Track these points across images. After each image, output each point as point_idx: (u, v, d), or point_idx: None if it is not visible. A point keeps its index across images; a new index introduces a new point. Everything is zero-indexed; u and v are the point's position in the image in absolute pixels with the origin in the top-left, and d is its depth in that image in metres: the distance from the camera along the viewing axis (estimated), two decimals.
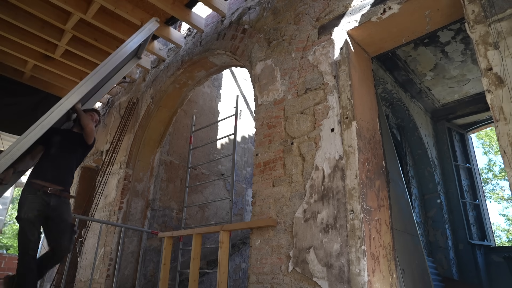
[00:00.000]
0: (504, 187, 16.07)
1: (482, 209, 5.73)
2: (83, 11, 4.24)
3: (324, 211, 2.56)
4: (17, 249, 2.84)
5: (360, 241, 2.30)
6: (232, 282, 5.51)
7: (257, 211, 3.01)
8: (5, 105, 5.72)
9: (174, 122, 5.69)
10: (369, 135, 2.81)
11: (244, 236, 5.97)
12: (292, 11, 3.55)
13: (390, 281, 2.46)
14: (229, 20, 4.39)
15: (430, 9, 2.69)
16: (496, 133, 1.94)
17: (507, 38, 2.02)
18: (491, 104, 2.00)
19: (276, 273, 2.68)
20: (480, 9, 2.18)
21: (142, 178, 5.28)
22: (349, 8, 3.04)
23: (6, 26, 4.60)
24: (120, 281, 4.57)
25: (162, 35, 4.78)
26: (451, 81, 5.39)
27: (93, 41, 4.86)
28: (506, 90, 1.94)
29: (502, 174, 15.87)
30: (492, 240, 5.62)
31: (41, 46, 4.99)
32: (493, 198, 16.29)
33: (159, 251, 5.05)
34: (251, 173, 6.89)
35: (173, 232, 4.01)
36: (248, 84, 7.56)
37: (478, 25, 2.17)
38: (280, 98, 3.26)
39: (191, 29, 5.13)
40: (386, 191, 2.82)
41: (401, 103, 5.47)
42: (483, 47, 2.11)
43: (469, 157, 6.09)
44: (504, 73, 1.98)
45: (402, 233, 2.96)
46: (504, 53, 2.01)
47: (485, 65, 2.08)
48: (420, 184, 5.68)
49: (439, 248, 5.24)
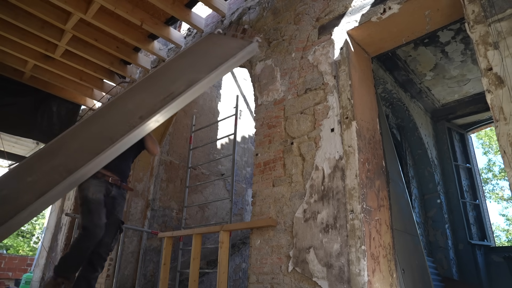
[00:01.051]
0: (504, 187, 16.07)
1: (482, 209, 5.73)
2: (83, 11, 4.23)
3: (324, 211, 2.56)
4: (81, 232, 2.63)
5: (360, 241, 2.30)
6: (232, 282, 5.51)
7: (257, 211, 3.01)
8: (5, 105, 5.71)
9: (174, 122, 5.69)
10: (369, 135, 2.81)
11: (244, 236, 5.97)
12: (292, 11, 3.55)
13: (390, 281, 2.46)
14: (229, 20, 4.39)
15: (430, 9, 2.69)
16: (496, 133, 1.94)
17: (507, 38, 2.02)
18: (491, 104, 2.00)
19: (276, 273, 2.68)
20: (480, 9, 2.18)
21: (142, 178, 5.27)
22: (349, 8, 3.04)
23: (6, 26, 4.60)
24: (120, 281, 4.57)
25: (162, 35, 4.78)
26: (451, 81, 5.39)
27: (93, 41, 4.85)
28: (506, 90, 1.94)
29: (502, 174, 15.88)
30: (492, 240, 5.62)
31: (41, 46, 4.99)
32: (493, 198, 16.29)
33: (159, 251, 5.05)
34: (251, 173, 6.89)
35: (173, 232, 4.01)
36: (248, 84, 7.56)
37: (478, 25, 2.17)
38: (280, 98, 3.26)
39: (191, 29, 5.12)
40: (386, 191, 2.82)
41: (401, 103, 5.47)
42: (483, 47, 2.11)
43: (469, 157, 6.09)
44: (504, 73, 1.98)
45: (402, 233, 2.96)
46: (504, 53, 2.01)
47: (485, 65, 2.08)
48: (420, 184, 5.68)
49: (439, 248, 5.24)
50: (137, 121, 2.68)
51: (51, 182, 2.30)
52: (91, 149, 2.53)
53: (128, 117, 2.80)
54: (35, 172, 2.54)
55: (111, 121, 3.00)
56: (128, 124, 2.68)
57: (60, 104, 6.38)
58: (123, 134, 2.58)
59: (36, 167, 2.62)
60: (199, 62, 3.28)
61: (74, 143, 2.81)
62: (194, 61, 3.39)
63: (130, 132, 2.60)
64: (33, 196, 2.21)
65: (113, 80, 6.02)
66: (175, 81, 3.04)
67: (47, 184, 2.29)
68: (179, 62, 3.48)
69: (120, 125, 2.75)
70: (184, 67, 3.34)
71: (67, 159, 2.55)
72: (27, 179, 2.47)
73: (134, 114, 2.81)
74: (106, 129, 2.85)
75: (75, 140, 2.85)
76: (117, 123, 2.87)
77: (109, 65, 5.45)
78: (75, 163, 2.41)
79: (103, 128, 2.88)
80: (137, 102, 3.05)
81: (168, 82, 3.16)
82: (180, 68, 3.36)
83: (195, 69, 3.14)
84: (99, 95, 6.51)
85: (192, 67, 3.25)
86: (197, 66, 3.21)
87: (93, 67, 5.59)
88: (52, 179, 2.33)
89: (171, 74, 3.31)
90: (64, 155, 2.64)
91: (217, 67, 3.01)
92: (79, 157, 2.49)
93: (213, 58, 3.17)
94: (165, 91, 2.94)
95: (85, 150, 2.59)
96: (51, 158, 2.68)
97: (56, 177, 2.32)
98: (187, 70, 3.25)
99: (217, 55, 3.22)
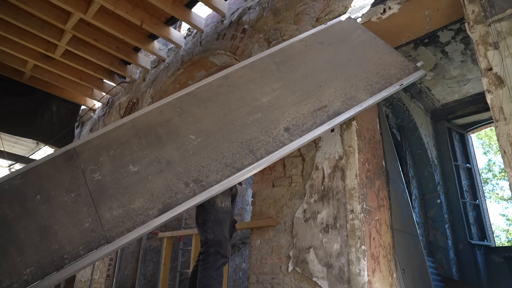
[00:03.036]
0: (504, 187, 16.07)
1: (482, 209, 5.73)
2: (83, 11, 4.23)
3: (324, 211, 2.56)
4: (211, 251, 2.29)
5: (360, 241, 2.30)
6: (232, 282, 5.51)
7: (257, 211, 3.01)
8: (5, 105, 5.71)
9: None
10: (369, 135, 2.81)
11: (244, 236, 5.97)
12: (292, 11, 3.55)
13: (390, 281, 2.46)
14: (229, 20, 4.39)
15: (430, 9, 2.69)
16: (496, 133, 1.94)
17: (507, 38, 2.02)
18: (491, 104, 2.00)
19: (276, 273, 2.68)
20: (480, 9, 2.18)
21: None
22: (349, 8, 3.04)
23: (6, 26, 4.60)
24: (120, 281, 4.57)
25: (162, 35, 4.78)
26: (451, 81, 5.39)
27: (93, 41, 4.85)
28: (506, 90, 1.94)
29: (502, 174, 15.87)
30: (492, 240, 5.62)
31: (41, 46, 4.99)
32: (493, 198, 16.29)
33: (159, 251, 5.05)
34: None
35: (173, 232, 4.01)
36: None
37: (478, 25, 2.17)
38: None
39: (191, 29, 5.13)
40: (386, 191, 2.82)
41: (401, 103, 5.47)
42: (483, 47, 2.11)
43: (469, 157, 6.09)
44: (504, 73, 1.98)
45: (402, 233, 2.96)
46: (504, 53, 2.01)
47: (485, 65, 2.08)
48: (420, 184, 5.68)
49: (439, 248, 5.23)
50: (283, 136, 2.13)
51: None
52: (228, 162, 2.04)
53: (267, 123, 2.21)
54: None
55: (242, 119, 2.25)
56: (271, 136, 2.13)
57: (60, 104, 6.38)
58: (271, 151, 2.06)
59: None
60: (350, 69, 2.52)
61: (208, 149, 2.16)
62: (340, 62, 2.60)
63: (277, 151, 2.05)
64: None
65: (113, 80, 6.03)
66: (323, 87, 2.40)
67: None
68: (317, 50, 2.68)
69: (260, 133, 2.16)
70: (328, 65, 2.58)
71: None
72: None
73: (276, 120, 2.23)
74: (239, 132, 2.18)
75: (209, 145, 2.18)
76: (253, 126, 2.20)
77: (109, 65, 5.46)
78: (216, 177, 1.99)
79: (237, 132, 2.19)
80: (273, 98, 2.37)
81: (312, 82, 2.45)
82: (321, 63, 2.59)
83: (350, 81, 2.44)
84: (99, 95, 6.52)
85: (342, 72, 2.51)
86: (349, 75, 2.48)
87: (93, 67, 5.60)
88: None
89: (310, 68, 2.56)
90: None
91: (380, 90, 2.36)
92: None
93: (371, 73, 2.49)
94: (312, 97, 2.34)
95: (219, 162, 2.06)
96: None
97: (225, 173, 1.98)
98: (338, 75, 2.48)
99: (376, 69, 2.51)
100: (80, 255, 1.75)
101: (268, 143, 2.12)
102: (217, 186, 1.96)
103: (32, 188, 2.00)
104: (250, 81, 2.51)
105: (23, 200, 1.94)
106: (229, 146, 2.13)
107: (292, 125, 2.19)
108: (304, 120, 2.21)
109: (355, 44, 2.71)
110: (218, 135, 2.19)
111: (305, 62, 2.62)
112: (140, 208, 1.90)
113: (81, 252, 1.76)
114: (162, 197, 1.93)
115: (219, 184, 1.97)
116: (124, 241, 1.79)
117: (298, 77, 2.51)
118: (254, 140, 2.14)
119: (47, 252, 1.76)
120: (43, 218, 1.87)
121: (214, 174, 2.01)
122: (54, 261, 1.73)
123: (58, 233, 1.82)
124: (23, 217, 1.88)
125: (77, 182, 2.00)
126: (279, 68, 2.59)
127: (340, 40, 2.75)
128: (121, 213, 1.88)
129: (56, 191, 1.98)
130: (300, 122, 2.20)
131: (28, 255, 1.76)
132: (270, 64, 2.63)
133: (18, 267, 1.71)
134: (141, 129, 2.23)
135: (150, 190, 1.97)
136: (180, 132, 2.21)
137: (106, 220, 1.86)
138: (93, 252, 1.76)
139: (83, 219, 1.87)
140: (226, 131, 2.21)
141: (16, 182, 2.01)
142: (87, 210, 1.90)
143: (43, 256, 1.75)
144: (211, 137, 2.18)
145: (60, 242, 1.80)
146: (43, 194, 1.98)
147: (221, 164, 2.04)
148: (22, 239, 1.81)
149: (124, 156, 2.11)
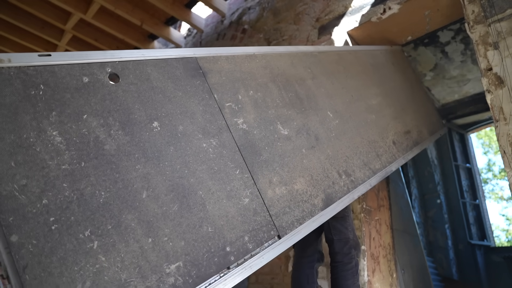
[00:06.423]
0: (504, 187, 16.07)
1: (482, 209, 5.73)
2: (83, 11, 4.23)
3: None
4: (353, 253, 1.97)
5: (360, 241, 2.30)
6: None
7: None
8: None
9: None
10: None
11: None
12: (292, 11, 3.55)
13: (390, 281, 2.46)
14: (229, 20, 4.40)
15: (430, 9, 2.69)
16: (496, 133, 1.94)
17: (507, 38, 2.02)
18: (491, 104, 2.00)
19: (276, 273, 2.68)
20: (480, 9, 2.18)
21: None
22: (349, 8, 3.04)
23: (6, 26, 4.60)
24: None
25: (162, 35, 4.78)
26: (451, 81, 5.39)
27: (93, 41, 4.86)
28: (506, 90, 1.95)
29: (502, 174, 15.88)
30: (492, 240, 5.63)
31: (41, 46, 4.99)
32: (493, 198, 16.30)
33: None
34: None
35: None
36: None
37: (478, 25, 2.17)
38: None
39: (191, 29, 5.13)
40: (386, 191, 2.82)
41: None
42: (483, 47, 2.11)
43: (469, 157, 6.10)
44: (504, 73, 1.98)
45: (402, 233, 2.96)
46: (504, 53, 2.01)
47: (485, 65, 2.08)
48: (420, 184, 5.68)
49: (439, 248, 5.24)
50: (393, 148, 1.91)
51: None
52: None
53: (380, 129, 1.97)
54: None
55: (362, 114, 1.96)
56: (386, 144, 1.89)
57: None
58: (389, 161, 1.80)
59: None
60: (416, 103, 2.44)
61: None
62: (410, 92, 2.52)
63: (391, 164, 1.79)
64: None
65: None
66: (405, 111, 2.26)
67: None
68: (392, 70, 2.58)
69: (378, 137, 1.90)
70: (402, 90, 2.49)
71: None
72: None
73: (385, 129, 1.98)
74: (364, 128, 1.88)
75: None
76: (372, 127, 1.93)
77: None
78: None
79: (362, 127, 1.89)
80: (377, 103, 2.12)
81: (398, 102, 2.30)
82: (398, 86, 2.49)
83: (420, 114, 2.36)
84: None
85: (411, 102, 2.42)
86: (418, 109, 2.40)
87: None
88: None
89: (393, 86, 2.41)
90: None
91: (430, 134, 2.30)
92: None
93: (428, 114, 2.46)
94: (399, 119, 2.16)
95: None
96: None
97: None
98: (410, 104, 2.37)
99: (429, 112, 2.47)
100: (249, 250, 1.09)
101: (386, 151, 1.86)
102: (362, 186, 1.58)
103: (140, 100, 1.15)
104: (358, 74, 2.18)
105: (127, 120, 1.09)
106: (361, 141, 1.79)
107: (396, 140, 2.02)
108: (401, 140, 2.06)
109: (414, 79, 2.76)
110: (350, 123, 1.82)
111: (389, 76, 2.46)
112: (304, 192, 1.38)
113: (248, 245, 1.09)
114: (322, 184, 1.46)
115: (363, 184, 1.59)
116: (296, 237, 1.25)
117: (388, 90, 2.33)
118: (376, 143, 1.87)
119: (197, 236, 1.03)
120: (172, 167, 1.09)
121: (358, 170, 1.63)
122: (212, 255, 1.02)
123: (207, 204, 1.09)
124: (132, 157, 1.03)
125: (216, 122, 1.28)
126: (374, 71, 2.34)
127: (404, 68, 2.70)
128: (285, 193, 1.32)
129: (185, 124, 1.20)
130: (399, 141, 2.04)
131: (165, 235, 0.98)
132: (367, 65, 2.33)
133: (152, 258, 0.94)
134: (277, 76, 1.68)
135: (308, 169, 1.45)
136: (318, 102, 1.76)
137: (270, 200, 1.25)
138: (266, 250, 1.13)
139: (239, 189, 1.20)
140: (354, 122, 1.85)
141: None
142: (240, 175, 1.23)
143: (191, 243, 1.01)
144: (345, 123, 1.79)
145: (213, 222, 1.07)
146: (163, 121, 1.15)
147: (360, 161, 1.68)
148: (146, 201, 1.00)
149: (268, 107, 1.52)
